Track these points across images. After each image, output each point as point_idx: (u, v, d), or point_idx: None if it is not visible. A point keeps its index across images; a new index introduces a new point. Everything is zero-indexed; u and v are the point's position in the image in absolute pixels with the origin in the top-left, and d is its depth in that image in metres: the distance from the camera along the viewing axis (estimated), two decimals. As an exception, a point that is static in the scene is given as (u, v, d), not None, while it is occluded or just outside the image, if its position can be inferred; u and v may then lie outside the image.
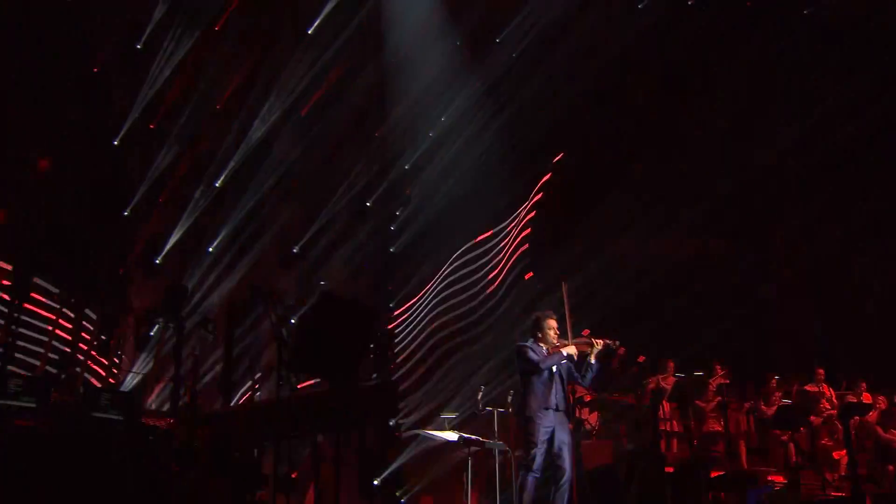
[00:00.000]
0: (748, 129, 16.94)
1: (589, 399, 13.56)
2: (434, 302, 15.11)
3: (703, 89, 15.05)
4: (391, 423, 13.26)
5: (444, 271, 15.23)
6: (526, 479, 7.56)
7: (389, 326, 14.28)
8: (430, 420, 12.62)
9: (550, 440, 7.62)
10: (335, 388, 5.96)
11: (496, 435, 8.76)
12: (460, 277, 15.42)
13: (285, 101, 12.24)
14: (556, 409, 7.69)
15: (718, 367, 13.56)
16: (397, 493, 13.12)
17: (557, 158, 16.39)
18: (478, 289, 15.42)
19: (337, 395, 5.78)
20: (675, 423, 13.41)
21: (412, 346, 14.84)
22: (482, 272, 15.57)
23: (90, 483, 5.34)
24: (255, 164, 11.98)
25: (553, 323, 7.96)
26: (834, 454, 11.90)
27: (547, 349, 7.87)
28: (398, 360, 14.38)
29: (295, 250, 12.27)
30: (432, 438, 9.14)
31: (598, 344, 7.81)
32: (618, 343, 8.13)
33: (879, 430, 11.31)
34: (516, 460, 8.49)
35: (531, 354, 7.78)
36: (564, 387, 7.80)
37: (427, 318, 14.97)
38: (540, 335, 7.95)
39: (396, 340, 14.75)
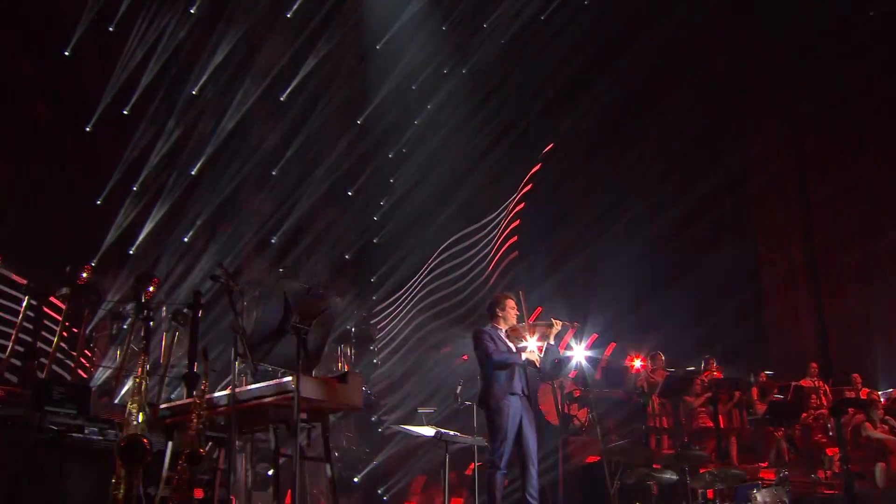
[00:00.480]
0: (743, 112, 16.84)
1: (578, 395, 13.51)
2: (420, 296, 14.91)
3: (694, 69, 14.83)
4: (373, 419, 13.10)
5: (430, 264, 15.03)
6: (494, 476, 7.36)
7: (373, 323, 14.07)
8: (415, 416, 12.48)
9: (518, 429, 7.42)
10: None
11: (475, 431, 8.40)
12: (447, 271, 15.21)
13: (263, 85, 12.04)
14: (522, 395, 7.50)
15: (712, 361, 13.38)
16: (379, 491, 12.99)
17: (547, 149, 16.12)
18: (465, 281, 15.24)
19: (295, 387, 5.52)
20: (665, 419, 13.24)
21: (397, 341, 14.65)
22: (470, 265, 15.38)
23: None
24: (231, 151, 11.78)
25: (512, 303, 7.79)
26: (828, 451, 11.71)
27: (506, 331, 7.69)
28: (381, 356, 14.20)
29: (273, 240, 12.04)
30: (409, 434, 9.00)
31: (557, 325, 7.59)
32: (577, 324, 8.05)
33: (869, 426, 11.15)
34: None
35: (486, 342, 7.60)
36: (528, 370, 7.58)
37: (413, 312, 14.78)
38: (500, 313, 7.77)
39: (380, 336, 14.58)
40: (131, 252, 11.24)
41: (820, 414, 12.42)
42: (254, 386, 6.03)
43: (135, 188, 11.36)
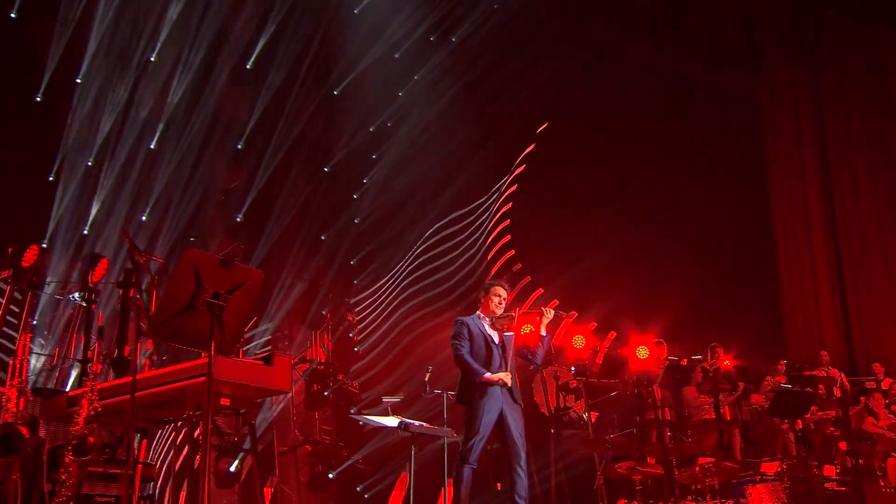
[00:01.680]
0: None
1: (574, 385, 13.05)
2: (406, 282, 14.46)
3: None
4: (351, 412, 12.68)
5: (416, 249, 14.58)
6: (462, 470, 7.10)
7: (351, 317, 13.62)
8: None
9: (500, 425, 7.20)
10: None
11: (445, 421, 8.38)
12: (434, 257, 14.75)
13: (231, 54, 11.61)
14: (502, 388, 7.24)
15: (719, 350, 12.91)
16: (358, 489, 12.61)
17: (542, 128, 15.77)
18: (455, 266, 14.78)
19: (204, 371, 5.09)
20: (668, 410, 12.77)
21: (380, 331, 14.23)
22: (459, 249, 14.92)
23: None
24: (193, 123, 11.35)
25: (500, 291, 7.53)
26: (841, 445, 11.24)
27: (490, 321, 7.45)
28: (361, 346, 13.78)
29: (238, 218, 11.60)
30: (372, 424, 8.92)
31: (549, 312, 7.33)
32: (574, 313, 7.87)
33: (871, 420, 10.72)
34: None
35: (459, 339, 7.39)
36: (509, 359, 7.35)
37: (397, 300, 14.34)
38: (483, 301, 7.55)
39: (361, 326, 14.14)
40: (85, 232, 10.83)
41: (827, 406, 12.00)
42: (164, 370, 5.63)
43: (89, 163, 10.94)
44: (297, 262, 12.53)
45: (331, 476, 11.93)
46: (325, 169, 13.20)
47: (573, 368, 12.83)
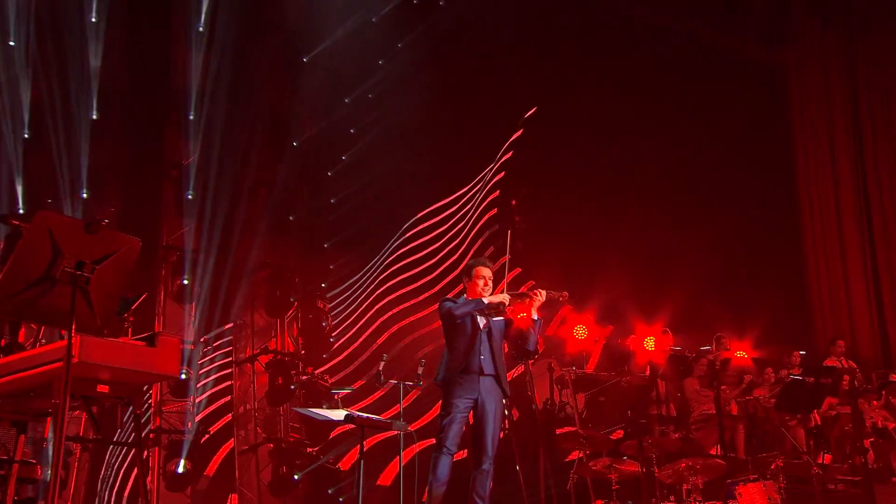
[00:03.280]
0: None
1: (570, 378, 12.64)
2: (382, 277, 14.00)
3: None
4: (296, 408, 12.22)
5: (396, 239, 14.12)
6: (438, 459, 6.93)
7: (321, 304, 13.17)
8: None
9: (475, 414, 7.07)
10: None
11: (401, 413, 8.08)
12: (414, 249, 14.34)
13: (180, 12, 11.18)
14: (483, 374, 7.07)
15: (726, 340, 12.63)
16: (330, 491, 12.18)
17: (530, 113, 15.33)
18: (437, 259, 14.31)
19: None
20: (672, 405, 12.37)
21: (356, 327, 13.77)
22: (442, 241, 14.50)
23: None
24: (144, 89, 10.91)
25: (484, 272, 7.34)
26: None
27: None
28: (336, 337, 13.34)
29: (189, 195, 11.14)
30: (315, 417, 8.29)
31: (541, 295, 7.15)
32: (566, 294, 7.43)
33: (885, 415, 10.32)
34: None
35: (448, 304, 7.19)
36: (495, 346, 7.19)
37: (374, 295, 13.88)
38: (466, 282, 7.39)
39: (342, 316, 13.69)
40: (21, 211, 10.43)
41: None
42: (21, 355, 5.16)
43: (26, 136, 10.53)
44: (261, 244, 12.08)
45: (296, 477, 11.50)
46: (295, 144, 12.70)
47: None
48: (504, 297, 7.09)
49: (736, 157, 15.84)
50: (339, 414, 7.52)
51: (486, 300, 7.06)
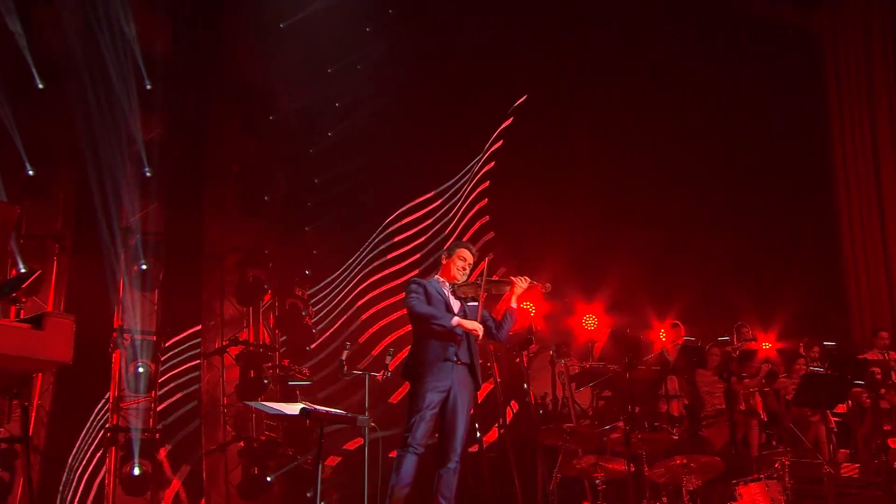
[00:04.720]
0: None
1: (577, 371, 12.24)
2: (366, 271, 13.74)
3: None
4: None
5: (377, 235, 13.90)
6: (403, 458, 6.71)
7: (300, 292, 12.76)
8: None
9: (444, 404, 6.83)
10: None
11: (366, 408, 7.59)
12: (406, 240, 14.16)
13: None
14: (457, 363, 6.90)
15: (747, 330, 12.42)
16: (309, 494, 11.75)
17: (520, 101, 15.08)
18: (423, 253, 14.08)
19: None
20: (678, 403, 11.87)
21: (349, 312, 13.47)
22: (428, 234, 14.31)
23: None
24: (94, 59, 10.52)
25: (465, 254, 7.20)
26: (889, 441, 10.21)
27: (452, 287, 7.10)
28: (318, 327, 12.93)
29: (147, 172, 10.70)
30: (268, 411, 8.16)
31: (524, 281, 7.06)
32: (548, 286, 7.32)
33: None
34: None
35: (413, 294, 7.01)
36: (470, 335, 6.96)
37: (357, 289, 13.60)
38: (444, 262, 7.23)
39: (322, 313, 13.29)
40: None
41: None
42: None
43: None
44: (231, 225, 11.68)
45: (269, 479, 11.10)
46: (271, 118, 12.25)
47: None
48: (479, 329, 6.89)
49: (762, 129, 15.47)
50: (294, 408, 7.21)
51: (459, 330, 6.84)
